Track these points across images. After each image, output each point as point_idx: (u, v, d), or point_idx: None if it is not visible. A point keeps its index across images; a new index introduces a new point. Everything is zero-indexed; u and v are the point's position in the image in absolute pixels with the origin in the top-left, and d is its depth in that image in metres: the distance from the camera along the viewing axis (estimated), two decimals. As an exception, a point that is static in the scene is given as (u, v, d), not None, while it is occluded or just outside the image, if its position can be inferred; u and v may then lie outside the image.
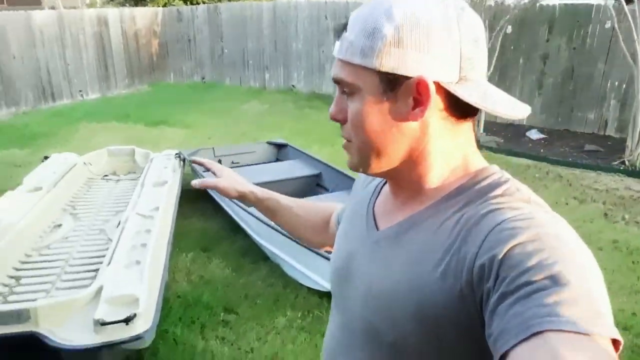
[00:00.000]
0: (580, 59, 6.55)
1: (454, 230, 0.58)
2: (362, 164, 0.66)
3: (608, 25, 6.07)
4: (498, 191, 0.59)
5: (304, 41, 9.45)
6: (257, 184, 3.79)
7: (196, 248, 3.49)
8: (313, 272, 2.87)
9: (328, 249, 0.94)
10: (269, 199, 0.99)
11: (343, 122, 0.65)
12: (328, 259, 2.75)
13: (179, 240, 3.37)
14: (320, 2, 9.29)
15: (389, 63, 0.57)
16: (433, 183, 0.64)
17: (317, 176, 4.49)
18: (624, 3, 5.16)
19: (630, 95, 5.86)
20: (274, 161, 5.11)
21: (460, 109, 0.60)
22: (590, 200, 4.36)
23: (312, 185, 4.41)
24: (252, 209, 3.39)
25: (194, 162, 1.07)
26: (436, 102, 0.59)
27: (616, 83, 6.41)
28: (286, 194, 1.05)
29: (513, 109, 0.60)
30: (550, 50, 6.69)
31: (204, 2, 12.00)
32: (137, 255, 2.63)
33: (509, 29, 5.78)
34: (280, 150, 5.25)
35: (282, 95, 9.33)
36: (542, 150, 5.86)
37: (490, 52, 5.91)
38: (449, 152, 0.63)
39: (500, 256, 0.49)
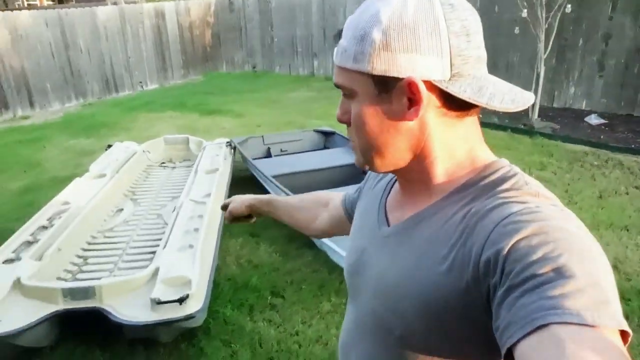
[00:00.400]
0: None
1: (460, 225, 0.58)
2: (367, 162, 0.68)
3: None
4: (505, 185, 0.59)
5: (353, 27, 9.39)
6: (303, 172, 3.90)
7: (245, 233, 3.64)
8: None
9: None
10: (275, 200, 1.13)
11: (348, 123, 0.67)
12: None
13: (229, 226, 3.52)
14: (370, -14, 9.17)
15: (380, 66, 0.59)
16: (440, 178, 0.64)
17: (363, 164, 4.50)
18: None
19: None
20: (321, 149, 5.16)
21: (458, 105, 0.60)
22: (654, 190, 4.11)
23: (357, 173, 4.45)
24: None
25: (222, 208, 1.22)
26: (431, 100, 0.60)
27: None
28: (331, 181, 1.14)
29: (513, 101, 0.60)
30: (614, 29, 6.26)
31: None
32: (190, 240, 2.80)
33: (569, 8, 5.46)
34: (328, 138, 5.30)
35: (330, 83, 9.32)
36: (602, 137, 5.54)
37: (548, 32, 5.63)
38: (452, 147, 0.63)
39: (505, 250, 0.49)
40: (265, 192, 4.20)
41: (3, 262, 2.61)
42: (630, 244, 3.26)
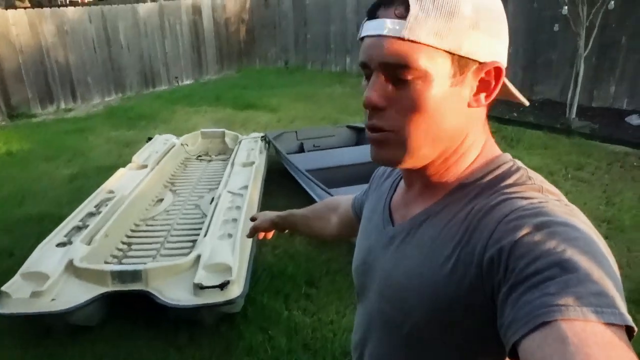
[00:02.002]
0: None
1: (464, 222, 0.58)
2: (402, 156, 0.61)
3: None
4: (509, 181, 0.59)
5: (387, 24, 9.35)
6: (336, 167, 3.97)
7: (280, 225, 3.72)
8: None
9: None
10: (292, 215, 1.17)
11: (386, 109, 0.59)
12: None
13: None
14: (405, -17, 9.10)
15: (467, 46, 0.55)
16: (454, 173, 0.64)
17: (395, 160, 4.52)
18: None
19: None
20: (354, 145, 5.20)
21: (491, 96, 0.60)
22: (698, 193, 3.98)
23: (389, 170, 4.47)
24: (334, 191, 3.55)
25: (252, 220, 1.26)
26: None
27: None
28: (363, 177, 1.19)
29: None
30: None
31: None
32: (229, 229, 2.91)
33: (612, 4, 5.31)
34: (360, 134, 5.32)
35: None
36: (644, 137, 5.38)
37: (589, 30, 5.49)
38: (479, 138, 0.64)
39: (508, 247, 0.49)
40: (299, 186, 4.28)
41: (57, 245, 2.78)
42: (672, 247, 3.18)
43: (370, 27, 0.58)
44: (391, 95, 0.58)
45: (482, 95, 0.59)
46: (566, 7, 5.46)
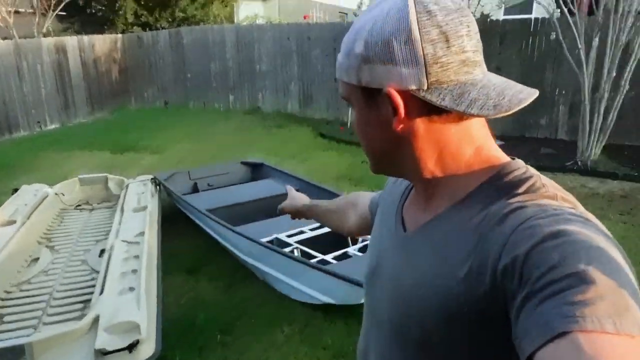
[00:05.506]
0: (530, 68, 6.99)
1: (477, 230, 0.57)
2: (372, 166, 0.72)
3: (553, 36, 6.51)
4: (522, 188, 0.58)
5: (268, 62, 9.57)
6: (235, 205, 3.86)
7: (182, 271, 3.46)
8: (305, 286, 2.91)
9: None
10: (316, 206, 1.19)
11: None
12: (321, 270, 2.78)
13: (165, 264, 3.33)
14: (282, 24, 9.49)
15: (364, 78, 0.62)
16: (449, 182, 0.64)
17: (296, 193, 4.54)
18: (568, 15, 5.56)
19: (577, 100, 6.23)
20: (250, 181, 5.12)
21: (447, 110, 0.59)
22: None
23: (291, 203, 4.46)
24: (239, 229, 3.42)
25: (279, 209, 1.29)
26: (416, 107, 0.60)
27: (564, 91, 6.88)
28: (266, 211, 1.20)
29: (495, 106, 0.57)
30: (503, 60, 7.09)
31: (163, 28, 11.95)
32: (130, 282, 2.60)
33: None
34: (256, 170, 5.28)
35: (248, 116, 9.37)
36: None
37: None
38: (454, 150, 0.62)
39: (523, 256, 0.48)
40: (197, 228, 4.05)
41: None
42: None
43: None
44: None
45: (396, 118, 0.61)
46: None
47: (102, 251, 3.13)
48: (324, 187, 4.33)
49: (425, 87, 0.58)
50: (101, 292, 2.50)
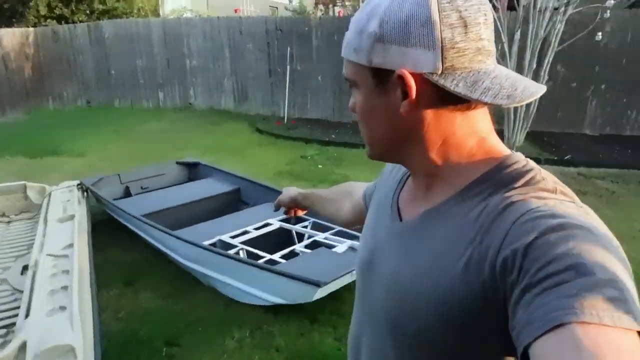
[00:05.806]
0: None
1: (476, 222, 0.56)
2: (371, 151, 0.69)
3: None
4: (522, 180, 0.58)
5: (199, 57, 9.23)
6: (173, 208, 3.69)
7: (118, 283, 3.23)
8: (253, 288, 2.82)
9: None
10: (311, 194, 1.19)
11: (355, 112, 0.68)
12: (269, 270, 2.71)
13: (99, 277, 3.09)
14: (213, 18, 9.19)
15: (376, 59, 0.59)
16: (450, 172, 0.63)
17: (236, 192, 4.41)
18: (492, 11, 5.83)
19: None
20: (187, 181, 4.90)
21: (457, 98, 0.57)
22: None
23: (232, 202, 4.32)
24: (178, 233, 3.24)
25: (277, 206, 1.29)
26: (426, 93, 0.58)
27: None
28: (206, 213, 1.13)
29: (509, 96, 0.57)
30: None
31: (81, 21, 11.13)
32: (60, 300, 2.37)
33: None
34: (192, 170, 5.06)
35: (181, 114, 9.01)
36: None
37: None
38: (458, 139, 0.62)
39: (523, 248, 0.48)
40: (133, 235, 3.80)
41: None
42: None
43: None
44: (354, 102, 0.67)
45: (406, 102, 0.59)
46: None
47: (25, 267, 2.83)
48: (264, 185, 4.24)
49: (440, 72, 0.57)
50: (27, 315, 2.26)
